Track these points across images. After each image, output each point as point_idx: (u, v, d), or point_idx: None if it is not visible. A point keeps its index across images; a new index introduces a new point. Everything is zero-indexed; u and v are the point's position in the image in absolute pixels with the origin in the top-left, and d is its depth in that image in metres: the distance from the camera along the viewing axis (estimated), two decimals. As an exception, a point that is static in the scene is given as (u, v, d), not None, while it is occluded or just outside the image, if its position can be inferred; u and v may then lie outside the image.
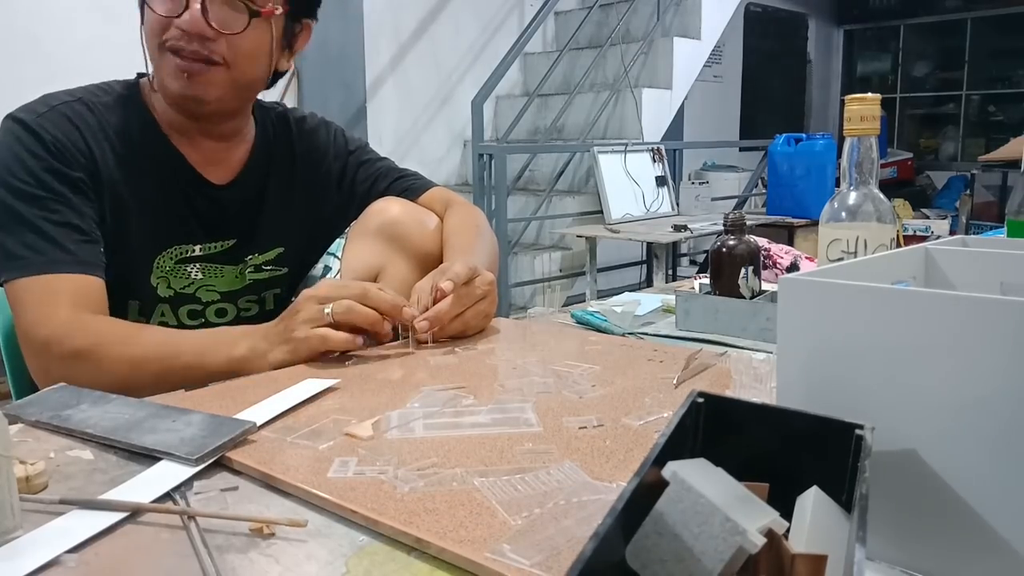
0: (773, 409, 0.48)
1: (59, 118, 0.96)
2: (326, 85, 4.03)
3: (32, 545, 0.50)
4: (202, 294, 1.06)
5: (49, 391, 0.78)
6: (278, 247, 1.12)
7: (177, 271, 1.03)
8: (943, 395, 0.46)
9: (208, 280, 1.06)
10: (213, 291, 1.07)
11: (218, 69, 0.96)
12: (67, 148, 0.95)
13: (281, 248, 1.12)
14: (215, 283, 1.07)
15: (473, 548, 0.48)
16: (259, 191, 1.10)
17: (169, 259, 1.02)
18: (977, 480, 0.45)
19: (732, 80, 7.14)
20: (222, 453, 0.63)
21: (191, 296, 1.05)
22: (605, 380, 0.82)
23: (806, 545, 0.38)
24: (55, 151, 0.94)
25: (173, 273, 1.03)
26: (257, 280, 1.11)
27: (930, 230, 2.15)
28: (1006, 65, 7.85)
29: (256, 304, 1.12)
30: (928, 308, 0.46)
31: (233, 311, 1.10)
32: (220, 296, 1.08)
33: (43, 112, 0.96)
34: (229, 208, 1.07)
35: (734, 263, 1.08)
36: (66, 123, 0.96)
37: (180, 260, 1.03)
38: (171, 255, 1.03)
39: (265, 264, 1.11)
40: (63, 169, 0.94)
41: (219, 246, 1.06)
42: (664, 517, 0.37)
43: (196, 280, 1.05)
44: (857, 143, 0.84)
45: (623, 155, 3.88)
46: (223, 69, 0.96)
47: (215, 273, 1.07)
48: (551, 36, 5.36)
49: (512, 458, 0.62)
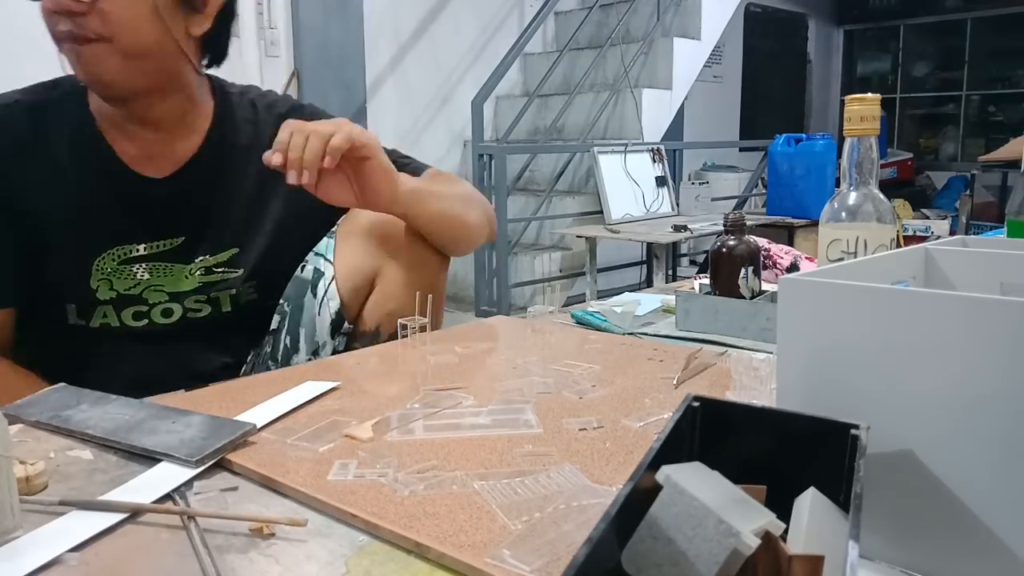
0: (769, 411, 0.48)
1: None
2: (326, 85, 4.03)
3: (32, 545, 0.50)
4: (149, 295, 1.01)
5: (49, 391, 0.78)
6: (232, 248, 1.04)
7: (121, 272, 0.98)
8: (943, 395, 0.46)
9: (155, 280, 1.00)
10: (161, 291, 1.01)
11: (99, 45, 0.88)
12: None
13: (235, 248, 1.05)
14: (163, 283, 1.01)
15: (473, 553, 0.48)
16: (209, 186, 1.02)
17: (111, 260, 0.97)
18: (977, 480, 0.45)
19: (732, 80, 7.13)
20: (222, 455, 0.63)
21: (137, 297, 1.00)
22: (605, 380, 0.82)
23: (804, 546, 0.38)
24: None
25: (116, 274, 0.98)
26: (207, 282, 1.04)
27: (930, 230, 2.15)
28: (1006, 65, 7.85)
29: (207, 304, 1.05)
30: (928, 308, 0.46)
31: (180, 311, 1.03)
32: (168, 296, 1.02)
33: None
34: (169, 204, 1.00)
35: (734, 263, 1.08)
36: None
37: (124, 261, 0.98)
38: (113, 256, 0.97)
39: (216, 266, 1.04)
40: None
41: (165, 245, 1.00)
42: (658, 521, 0.37)
43: (142, 280, 1.00)
44: (857, 143, 0.84)
45: (623, 155, 3.88)
46: (105, 44, 0.88)
47: (163, 272, 1.00)
48: (551, 36, 5.35)
49: (512, 460, 0.62)
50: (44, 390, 0.79)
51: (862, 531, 0.37)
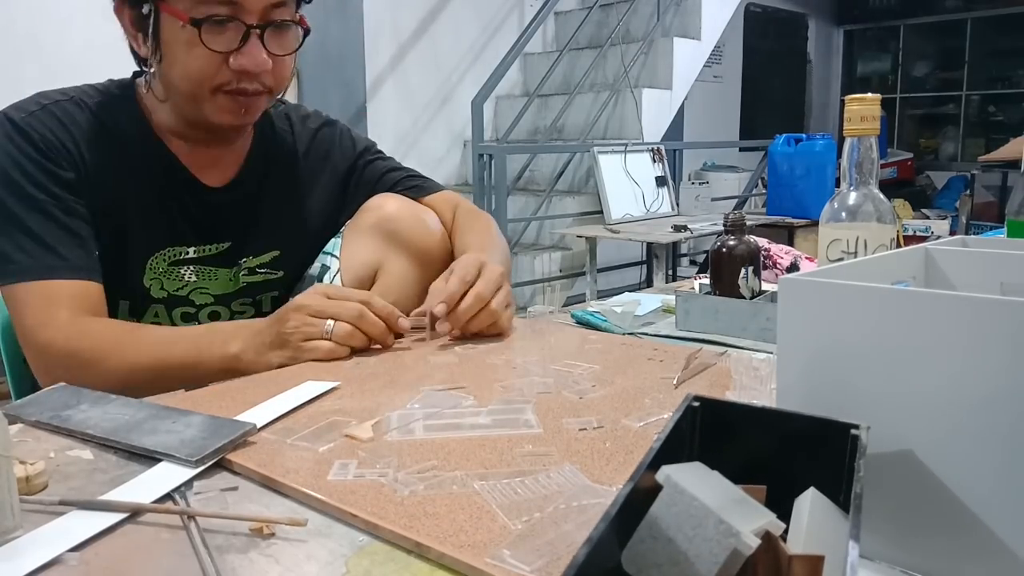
0: (769, 411, 0.48)
1: (49, 117, 0.95)
2: (326, 85, 4.03)
3: (32, 545, 0.50)
4: (195, 296, 1.05)
5: (49, 391, 0.78)
6: (274, 250, 1.10)
7: (170, 273, 1.02)
8: (943, 395, 0.46)
9: (202, 283, 1.05)
10: (207, 294, 1.06)
11: (263, 96, 0.96)
12: (57, 148, 0.93)
13: (277, 251, 1.10)
14: (208, 286, 1.05)
15: (473, 553, 0.48)
16: (255, 193, 1.08)
17: (162, 261, 1.01)
18: (977, 480, 0.45)
19: (732, 80, 7.14)
20: (222, 455, 0.63)
21: (184, 298, 1.04)
22: (605, 380, 0.82)
23: (804, 546, 0.38)
24: (44, 150, 0.93)
25: (166, 275, 1.02)
26: (252, 283, 1.09)
27: (930, 230, 2.15)
28: (1006, 65, 7.85)
29: (251, 307, 1.10)
30: (928, 308, 0.46)
31: (227, 314, 1.08)
32: (214, 299, 1.06)
33: (33, 111, 0.95)
34: (223, 211, 1.05)
35: (734, 263, 1.08)
36: (55, 122, 0.95)
37: (174, 262, 1.02)
38: (164, 257, 1.01)
39: (259, 267, 1.09)
40: (54, 169, 0.93)
41: (213, 249, 1.05)
42: (658, 521, 0.37)
43: (190, 282, 1.04)
44: (857, 143, 0.84)
45: (623, 155, 3.88)
46: (267, 95, 0.96)
47: (209, 276, 1.05)
48: (551, 36, 5.36)
49: (512, 460, 0.62)
50: (44, 390, 0.79)
51: (862, 531, 0.37)
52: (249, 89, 0.93)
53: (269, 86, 0.95)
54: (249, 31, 0.90)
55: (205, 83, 0.92)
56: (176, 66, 0.92)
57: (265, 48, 0.92)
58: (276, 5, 0.92)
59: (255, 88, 0.93)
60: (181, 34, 0.90)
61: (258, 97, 0.95)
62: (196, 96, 0.94)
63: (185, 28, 0.89)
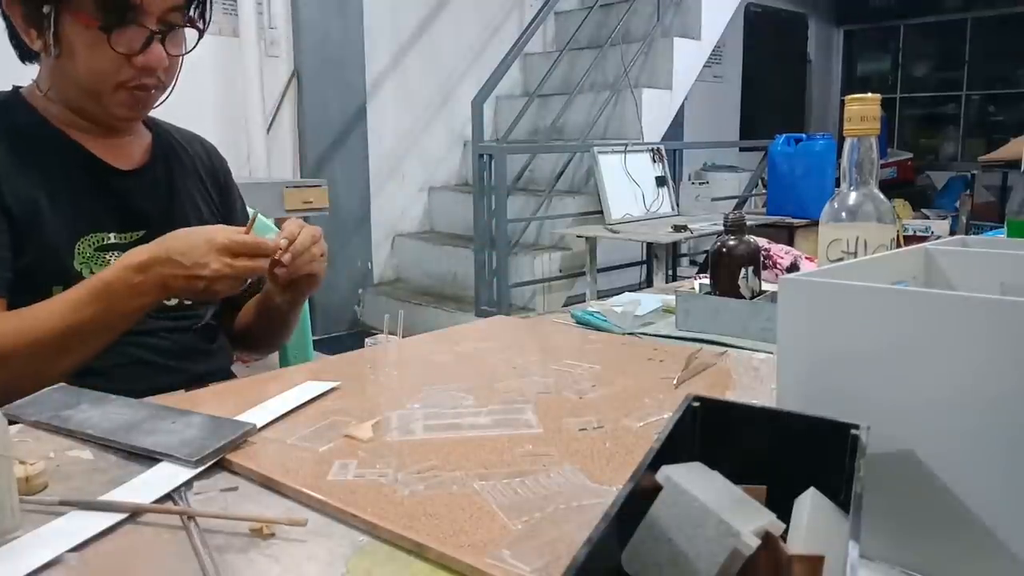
0: (769, 411, 0.48)
1: None
2: (326, 85, 4.03)
3: (32, 545, 0.50)
4: None
5: (49, 391, 0.78)
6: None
7: (97, 258, 1.03)
8: (944, 395, 0.46)
9: None
10: None
11: (159, 91, 1.02)
12: None
13: None
14: None
15: (473, 553, 0.48)
16: (165, 185, 1.11)
17: (89, 246, 1.03)
18: (977, 480, 0.45)
19: (732, 80, 7.14)
20: (222, 455, 0.63)
21: None
22: (605, 380, 0.82)
23: (804, 546, 0.38)
24: None
25: (94, 260, 1.03)
26: None
27: (930, 230, 2.15)
28: (1006, 65, 7.85)
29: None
30: (928, 308, 0.46)
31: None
32: None
33: None
34: (136, 197, 1.07)
35: (734, 263, 1.08)
36: None
37: (99, 248, 1.03)
38: (90, 242, 1.03)
39: None
40: None
41: (132, 236, 1.06)
42: (658, 521, 0.37)
43: None
44: (857, 143, 0.84)
45: (623, 155, 3.88)
46: (161, 90, 1.03)
47: None
48: (551, 36, 5.35)
49: (512, 460, 0.62)
50: (44, 390, 0.79)
51: (862, 531, 0.37)
52: (149, 84, 1.00)
53: (164, 82, 1.02)
54: (152, 35, 0.97)
55: (109, 80, 0.97)
56: (79, 64, 0.97)
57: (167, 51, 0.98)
58: (173, 9, 0.99)
59: (153, 83, 1.00)
60: (85, 34, 0.94)
61: (155, 92, 1.02)
62: (99, 92, 0.99)
63: (90, 29, 0.94)
